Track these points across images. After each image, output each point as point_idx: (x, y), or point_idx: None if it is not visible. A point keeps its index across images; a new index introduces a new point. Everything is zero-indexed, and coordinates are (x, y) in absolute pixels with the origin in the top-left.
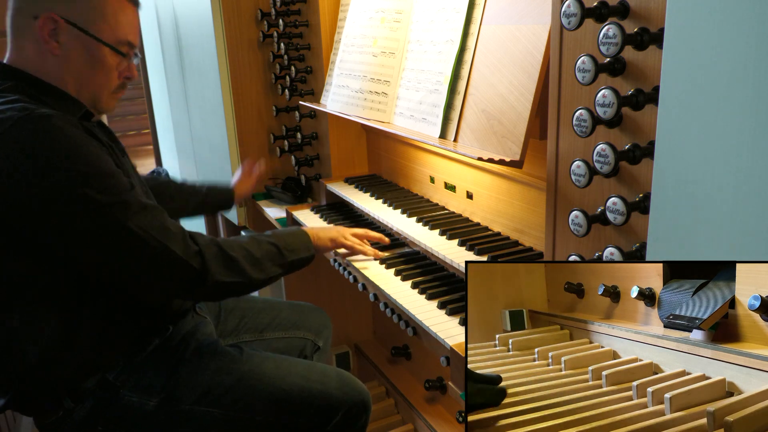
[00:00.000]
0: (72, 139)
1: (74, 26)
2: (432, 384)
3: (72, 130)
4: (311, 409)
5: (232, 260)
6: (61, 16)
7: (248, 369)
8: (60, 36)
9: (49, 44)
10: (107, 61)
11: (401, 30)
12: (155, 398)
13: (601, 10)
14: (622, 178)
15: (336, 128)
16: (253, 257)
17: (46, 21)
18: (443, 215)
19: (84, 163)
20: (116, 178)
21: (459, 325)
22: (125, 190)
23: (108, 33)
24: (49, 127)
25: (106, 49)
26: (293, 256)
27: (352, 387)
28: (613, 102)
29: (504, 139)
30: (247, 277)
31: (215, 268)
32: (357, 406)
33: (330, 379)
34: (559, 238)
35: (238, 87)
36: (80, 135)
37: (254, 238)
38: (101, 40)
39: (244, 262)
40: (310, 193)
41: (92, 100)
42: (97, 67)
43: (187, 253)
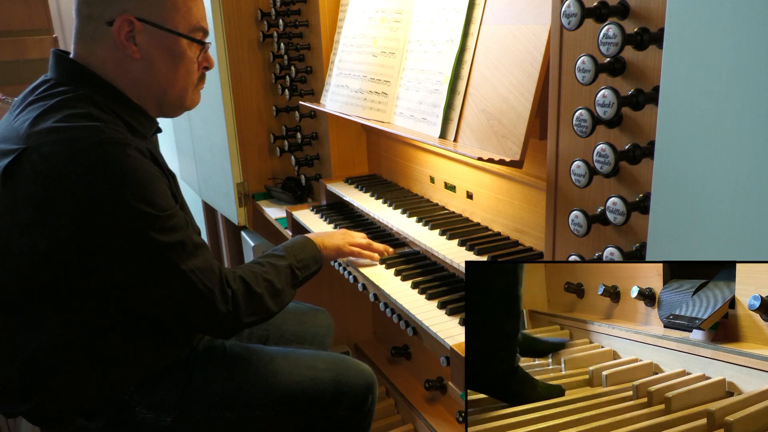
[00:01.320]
0: (141, 175)
1: (151, 24)
2: (432, 384)
3: (140, 160)
4: (323, 398)
5: (258, 299)
6: (136, 16)
7: (258, 368)
8: (137, 37)
9: (128, 48)
10: (187, 54)
11: (401, 30)
12: (171, 414)
13: (601, 10)
14: (622, 178)
15: (336, 128)
16: (275, 289)
17: (122, 24)
18: (443, 215)
19: (150, 203)
20: (177, 217)
21: (459, 325)
22: (182, 229)
23: (183, 24)
24: (119, 158)
25: (185, 41)
26: (305, 273)
27: (357, 371)
28: (613, 102)
29: (504, 139)
30: (269, 313)
31: (244, 310)
32: (363, 389)
33: (336, 365)
34: (559, 238)
35: (238, 87)
36: (150, 168)
37: (272, 264)
38: (179, 33)
39: (267, 298)
40: (310, 193)
41: (179, 99)
42: (179, 63)
43: (224, 299)
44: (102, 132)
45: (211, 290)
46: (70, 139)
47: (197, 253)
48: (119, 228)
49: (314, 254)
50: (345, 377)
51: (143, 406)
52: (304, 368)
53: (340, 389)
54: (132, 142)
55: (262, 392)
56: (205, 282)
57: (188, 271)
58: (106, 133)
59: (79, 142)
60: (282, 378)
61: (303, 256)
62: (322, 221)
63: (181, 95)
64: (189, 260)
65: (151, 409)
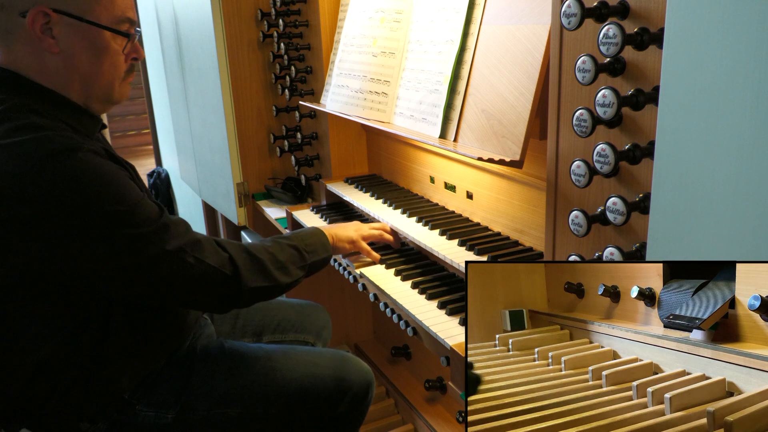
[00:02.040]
0: (101, 176)
1: (68, 15)
2: (432, 384)
3: (97, 162)
4: (323, 394)
5: (260, 264)
6: (51, 8)
7: (258, 366)
8: (54, 30)
9: (44, 42)
10: (111, 46)
11: (401, 30)
12: (171, 411)
13: (601, 10)
14: (622, 178)
15: (336, 128)
16: (278, 261)
17: (36, 16)
18: (443, 215)
19: (117, 200)
20: (145, 205)
21: (459, 325)
22: (155, 214)
23: (105, 15)
24: (76, 165)
25: (107, 33)
26: (313, 258)
27: (357, 368)
28: (613, 102)
29: (504, 139)
30: (275, 281)
31: (247, 273)
32: (363, 386)
33: (336, 362)
34: (559, 238)
35: (238, 87)
36: (106, 166)
37: (276, 240)
38: (100, 24)
39: (271, 266)
40: (310, 193)
41: (105, 93)
42: (102, 56)
43: (221, 263)
44: (51, 141)
45: (202, 260)
46: (17, 156)
47: (177, 231)
48: (93, 235)
49: (322, 241)
50: (346, 374)
51: (144, 404)
52: (305, 365)
53: (340, 386)
54: (84, 144)
55: (262, 389)
56: (194, 254)
57: (174, 249)
58: (55, 142)
59: (27, 158)
60: (282, 375)
61: (310, 241)
62: (322, 221)
63: (107, 89)
64: (173, 240)
65: (152, 407)
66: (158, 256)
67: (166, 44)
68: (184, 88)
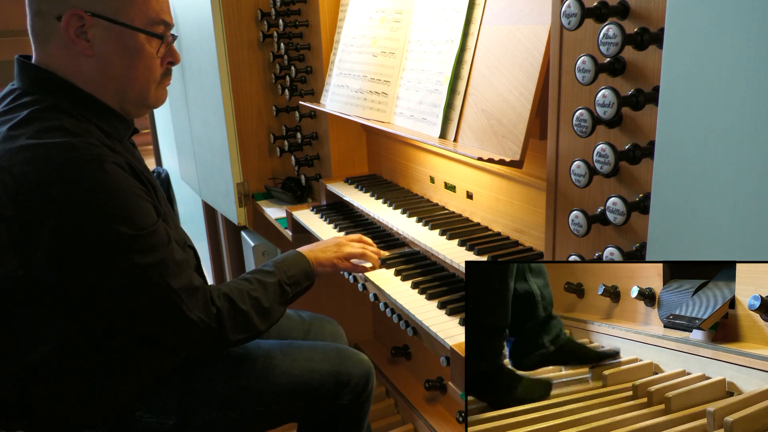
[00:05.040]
0: (118, 192)
1: (102, 18)
2: (432, 384)
3: (120, 177)
4: (322, 389)
5: (244, 316)
6: (86, 11)
7: (257, 365)
8: (89, 33)
9: (79, 45)
10: (146, 49)
11: (401, 30)
12: (173, 417)
13: (601, 10)
14: (622, 178)
15: (336, 128)
16: (262, 308)
17: (71, 19)
18: (443, 215)
19: (129, 223)
20: (157, 234)
21: (459, 325)
22: (163, 247)
23: (140, 17)
24: (98, 177)
25: (142, 36)
26: (295, 289)
27: (355, 360)
28: (613, 102)
29: (504, 139)
30: (257, 331)
31: (230, 328)
32: (362, 378)
33: (333, 356)
34: (559, 238)
35: (238, 87)
36: (128, 185)
37: (260, 281)
38: (134, 27)
39: (254, 315)
40: (310, 193)
41: (140, 97)
42: (137, 59)
43: (209, 317)
44: (74, 149)
45: (193, 309)
46: (41, 158)
47: (179, 270)
48: (96, 251)
49: (305, 269)
50: (344, 367)
51: (145, 410)
52: (303, 361)
53: (339, 379)
54: (108, 157)
55: (262, 389)
56: (187, 300)
57: (169, 290)
58: (78, 150)
59: (49, 162)
60: (281, 372)
61: (293, 272)
62: (322, 221)
63: (141, 93)
64: (170, 279)
65: (153, 413)
66: (152, 290)
67: None
68: (184, 88)
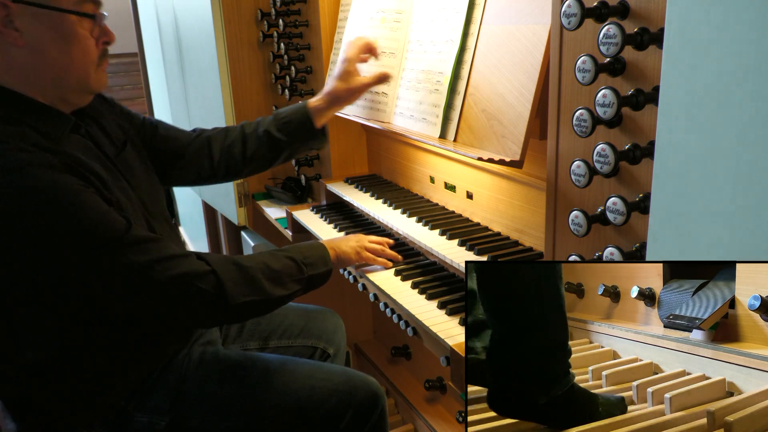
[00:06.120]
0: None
1: (27, 3)
2: (432, 384)
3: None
4: (321, 410)
5: (250, 277)
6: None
7: (252, 376)
8: (16, 22)
9: (8, 35)
10: (78, 31)
11: (401, 30)
12: (165, 418)
13: (601, 10)
14: (622, 178)
15: (336, 128)
16: (272, 270)
17: None
18: (443, 215)
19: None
20: (106, 221)
21: (459, 325)
22: (118, 231)
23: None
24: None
25: (73, 17)
26: (312, 271)
27: (359, 382)
28: (613, 102)
29: (504, 139)
30: (267, 294)
31: (232, 287)
32: (367, 401)
33: (336, 377)
34: (559, 238)
35: (238, 87)
36: (59, 182)
37: (271, 252)
38: (63, 9)
39: (262, 277)
40: (310, 193)
41: (80, 83)
42: (71, 43)
43: (199, 278)
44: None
45: (177, 276)
46: None
47: (146, 247)
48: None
49: (323, 254)
50: (346, 387)
51: (138, 410)
52: (303, 378)
53: (340, 401)
54: (34, 161)
55: (256, 399)
56: (168, 272)
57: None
58: (4, 158)
59: None
60: (278, 386)
61: (308, 253)
62: (322, 221)
63: (81, 79)
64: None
65: (146, 414)
66: (121, 273)
67: (166, 44)
68: (184, 88)
